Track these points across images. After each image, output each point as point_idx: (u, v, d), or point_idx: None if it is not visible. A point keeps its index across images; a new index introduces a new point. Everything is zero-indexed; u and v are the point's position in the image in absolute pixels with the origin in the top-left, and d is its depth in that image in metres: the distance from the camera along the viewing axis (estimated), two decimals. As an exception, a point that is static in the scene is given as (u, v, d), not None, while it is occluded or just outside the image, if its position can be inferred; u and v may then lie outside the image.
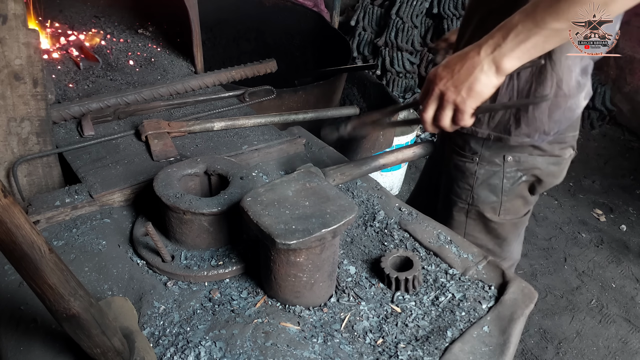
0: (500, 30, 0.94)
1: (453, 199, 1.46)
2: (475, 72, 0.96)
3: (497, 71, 0.95)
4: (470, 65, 0.96)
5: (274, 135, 1.49)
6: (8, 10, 1.15)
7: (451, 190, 1.46)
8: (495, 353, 0.95)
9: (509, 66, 0.94)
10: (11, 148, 1.28)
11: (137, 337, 0.87)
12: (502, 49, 0.93)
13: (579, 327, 2.59)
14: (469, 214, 1.46)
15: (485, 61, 0.95)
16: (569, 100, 1.23)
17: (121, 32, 2.01)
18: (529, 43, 0.91)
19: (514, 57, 0.93)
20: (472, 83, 0.97)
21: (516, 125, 1.28)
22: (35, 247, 0.66)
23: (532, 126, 1.26)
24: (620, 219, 3.32)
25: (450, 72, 0.99)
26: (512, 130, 1.29)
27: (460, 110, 1.00)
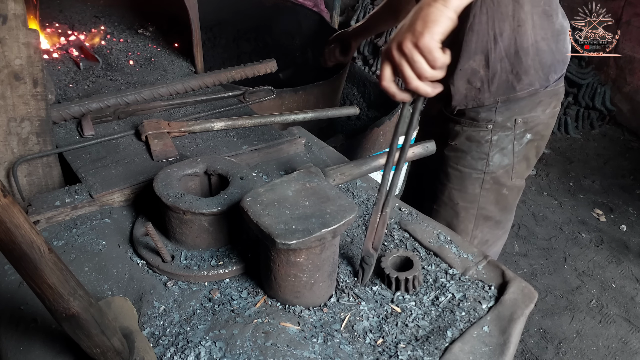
0: None
1: (466, 172, 1.49)
2: (424, 9, 0.90)
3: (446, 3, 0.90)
4: (417, 10, 0.91)
5: (274, 135, 1.49)
6: (8, 10, 1.15)
7: (463, 164, 1.49)
8: (495, 353, 0.95)
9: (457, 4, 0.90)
10: (11, 148, 1.28)
11: (136, 337, 0.87)
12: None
13: (579, 327, 2.59)
14: (484, 183, 1.49)
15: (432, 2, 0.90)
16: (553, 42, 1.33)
17: (121, 32, 2.01)
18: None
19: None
20: (425, 16, 0.90)
21: (517, 79, 1.35)
22: (34, 246, 0.66)
23: (530, 75, 1.34)
24: (620, 219, 3.32)
25: (400, 29, 0.93)
26: (515, 86, 1.36)
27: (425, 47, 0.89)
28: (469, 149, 1.47)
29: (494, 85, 1.36)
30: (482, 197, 1.52)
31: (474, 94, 1.40)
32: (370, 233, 1.06)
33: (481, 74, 1.36)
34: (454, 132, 1.49)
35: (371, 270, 1.07)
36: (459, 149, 1.48)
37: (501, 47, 1.32)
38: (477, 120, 1.43)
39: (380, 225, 1.05)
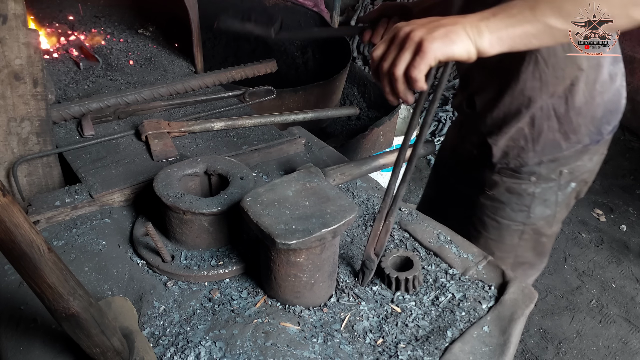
0: (493, 9, 0.87)
1: (504, 224, 1.40)
2: (456, 25, 0.84)
3: (476, 40, 0.85)
4: (452, 20, 0.86)
5: (274, 135, 1.49)
6: (8, 10, 1.15)
7: (502, 216, 1.39)
8: (496, 353, 0.95)
9: (487, 43, 0.85)
10: (11, 148, 1.28)
11: (136, 337, 0.87)
12: (489, 22, 0.85)
13: (579, 327, 2.59)
14: (523, 234, 1.41)
15: (468, 25, 0.85)
16: (606, 94, 1.21)
17: (121, 32, 2.01)
18: (519, 29, 0.85)
19: (498, 36, 0.85)
20: (449, 31, 0.84)
21: (565, 138, 1.24)
22: (34, 246, 0.66)
23: (580, 133, 1.24)
24: (620, 219, 3.32)
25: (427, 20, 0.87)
26: (562, 145, 1.25)
27: (423, 51, 0.84)
28: (508, 200, 1.36)
29: (539, 145, 1.26)
30: (520, 247, 1.43)
31: (517, 153, 1.29)
32: (372, 239, 1.05)
33: (525, 132, 1.25)
34: (491, 181, 1.37)
35: (371, 274, 1.06)
36: (497, 199, 1.38)
37: (549, 107, 1.20)
38: (519, 173, 1.31)
39: (383, 232, 1.04)
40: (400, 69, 0.87)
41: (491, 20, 0.85)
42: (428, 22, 0.86)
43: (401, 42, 0.86)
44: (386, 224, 1.04)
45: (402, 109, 3.29)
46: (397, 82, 0.88)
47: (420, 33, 0.84)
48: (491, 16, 0.85)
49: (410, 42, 0.85)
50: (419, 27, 0.85)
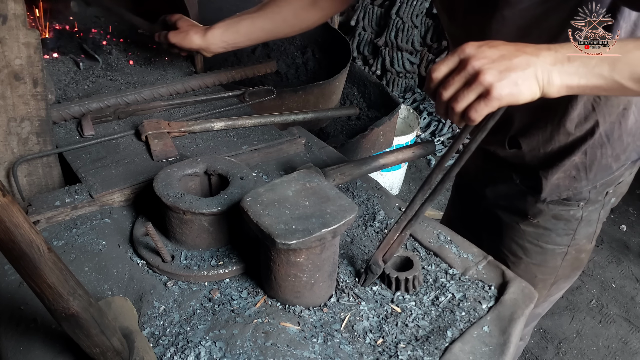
0: (566, 47, 0.83)
1: (549, 249, 1.37)
2: (528, 70, 0.80)
3: (544, 85, 0.82)
4: (525, 60, 0.81)
5: (274, 135, 1.49)
6: (8, 10, 1.14)
7: (546, 241, 1.36)
8: (496, 353, 0.95)
9: (555, 90, 0.83)
10: (11, 148, 1.28)
11: (136, 337, 0.87)
12: (563, 68, 0.81)
13: (579, 327, 2.59)
14: (566, 255, 1.38)
15: (541, 68, 0.81)
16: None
17: (121, 32, 2.01)
18: (591, 82, 0.82)
19: (568, 85, 0.82)
20: (520, 77, 0.80)
21: (615, 160, 1.22)
22: (34, 246, 0.66)
23: (628, 151, 1.22)
24: (620, 219, 3.32)
25: (499, 54, 0.81)
26: (613, 166, 1.23)
27: (489, 99, 0.81)
28: (554, 227, 1.32)
29: (592, 172, 1.22)
30: (562, 268, 1.41)
31: (569, 183, 1.25)
32: (384, 246, 1.03)
33: (577, 161, 1.21)
34: (535, 209, 1.32)
35: (374, 278, 1.06)
36: (541, 226, 1.33)
37: (603, 135, 1.16)
38: (569, 200, 1.27)
39: (396, 242, 1.03)
40: (461, 106, 0.84)
41: (565, 67, 0.82)
42: (500, 58, 0.81)
43: (468, 77, 0.82)
44: (401, 236, 1.03)
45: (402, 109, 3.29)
46: (454, 115, 0.86)
47: (491, 77, 0.80)
48: (566, 61, 0.82)
49: (478, 84, 0.81)
50: (489, 66, 0.80)
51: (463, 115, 0.85)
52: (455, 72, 0.84)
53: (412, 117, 3.32)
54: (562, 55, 0.82)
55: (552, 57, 0.81)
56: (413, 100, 4.02)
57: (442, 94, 0.85)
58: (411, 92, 4.09)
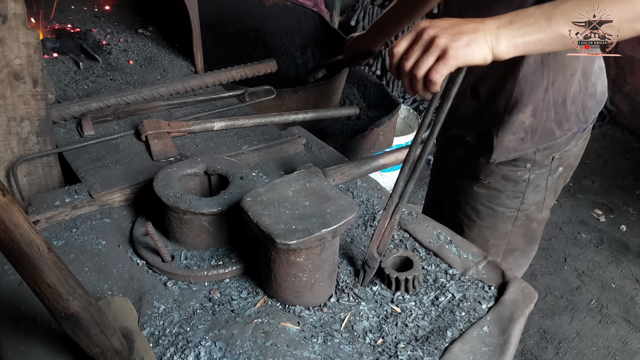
0: (509, 15, 0.92)
1: (499, 211, 1.43)
2: (477, 34, 0.90)
3: (493, 46, 0.91)
4: (473, 27, 0.91)
5: (274, 135, 1.49)
6: (8, 10, 1.15)
7: (497, 203, 1.42)
8: (495, 353, 0.95)
9: (504, 49, 0.91)
10: (11, 148, 1.28)
11: (136, 337, 0.87)
12: (506, 30, 0.90)
13: (579, 327, 2.59)
14: (516, 221, 1.44)
15: (488, 32, 0.90)
16: (597, 85, 1.29)
17: (121, 32, 2.01)
18: (534, 37, 0.90)
19: (513, 43, 0.91)
20: (471, 39, 0.89)
21: (558, 126, 1.29)
22: (33, 245, 0.66)
23: (571, 121, 1.30)
24: (620, 219, 3.32)
25: (449, 23, 0.91)
26: (556, 133, 1.30)
27: (446, 58, 0.89)
28: (504, 188, 1.39)
29: (537, 135, 1.30)
30: (513, 234, 1.47)
31: (516, 145, 1.32)
32: (376, 237, 1.05)
33: (526, 124, 1.29)
34: (487, 170, 1.39)
35: (373, 273, 1.06)
36: (492, 187, 1.41)
37: (550, 97, 1.25)
38: (516, 160, 1.35)
39: (387, 230, 1.04)
40: (422, 71, 0.91)
41: (509, 29, 0.90)
42: (450, 26, 0.91)
43: (425, 44, 0.91)
44: (391, 222, 1.04)
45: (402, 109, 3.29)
46: (417, 82, 0.93)
47: (445, 40, 0.89)
48: (508, 24, 0.90)
49: (434, 47, 0.89)
50: (442, 32, 0.90)
51: (426, 82, 0.92)
52: (413, 44, 0.93)
53: (412, 117, 3.32)
54: (504, 20, 0.91)
55: (496, 23, 0.91)
56: (413, 101, 4.02)
57: (405, 65, 0.93)
58: (411, 92, 4.09)
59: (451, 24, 0.91)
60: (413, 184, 1.03)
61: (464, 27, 0.90)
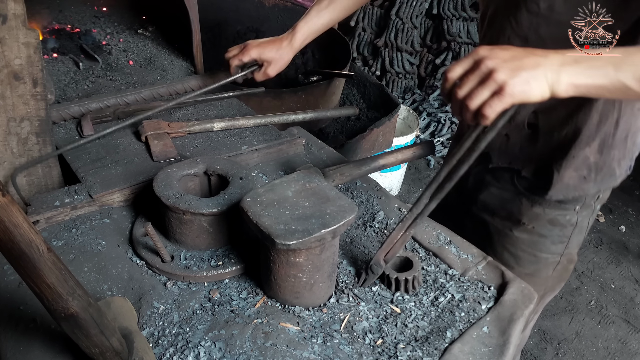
0: (575, 53, 0.87)
1: (543, 257, 1.34)
2: (538, 69, 0.85)
3: (553, 84, 0.86)
4: (534, 61, 0.85)
5: (274, 136, 1.49)
6: (8, 10, 1.14)
7: (540, 249, 1.33)
8: (495, 354, 0.95)
9: (563, 89, 0.86)
10: (10, 148, 1.28)
11: (136, 337, 0.87)
12: (570, 69, 0.85)
13: (579, 328, 2.59)
14: (558, 265, 1.36)
15: (549, 69, 0.85)
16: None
17: (121, 32, 2.01)
18: (597, 81, 0.85)
19: (575, 84, 0.85)
20: (530, 76, 0.84)
21: (619, 166, 1.22)
22: (33, 245, 0.66)
23: (627, 159, 1.23)
24: (619, 220, 3.32)
25: (510, 55, 0.86)
26: (616, 173, 1.23)
27: (502, 95, 0.84)
28: (549, 233, 1.29)
29: (600, 174, 1.21)
30: (552, 278, 1.39)
31: (577, 183, 1.22)
32: (386, 246, 1.03)
33: (590, 161, 1.19)
34: (531, 214, 1.29)
35: (375, 278, 1.06)
36: (536, 232, 1.30)
37: (619, 132, 1.16)
38: (566, 203, 1.25)
39: (399, 242, 1.03)
40: (475, 103, 0.87)
41: (573, 67, 0.85)
42: (511, 58, 0.85)
43: (482, 76, 0.86)
44: (405, 235, 1.03)
45: (402, 110, 3.29)
46: (468, 112, 0.88)
47: (503, 75, 0.84)
48: (573, 63, 0.85)
49: (492, 81, 0.85)
50: (502, 65, 0.85)
51: (476, 113, 0.88)
52: (469, 72, 0.87)
53: (412, 117, 3.32)
54: (569, 57, 0.85)
55: (560, 59, 0.85)
56: (413, 101, 4.03)
57: (458, 92, 0.88)
58: (411, 92, 4.09)
59: (512, 55, 0.86)
60: (436, 203, 1.00)
61: (525, 60, 0.85)
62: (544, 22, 1.06)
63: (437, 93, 3.96)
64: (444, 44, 3.97)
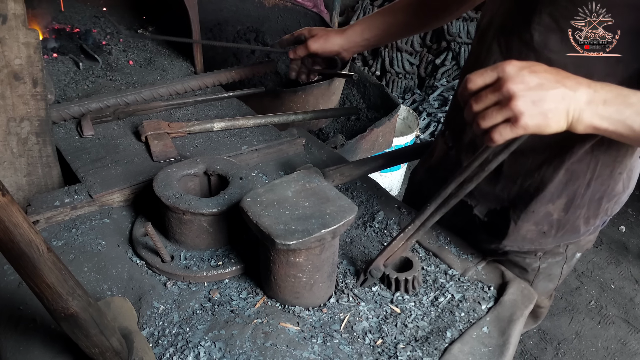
0: (605, 91, 0.81)
1: None
2: (561, 104, 0.79)
3: (573, 122, 0.81)
4: (561, 94, 0.79)
5: (274, 136, 1.49)
6: (8, 10, 1.14)
7: None
8: (495, 354, 0.95)
9: (582, 128, 0.82)
10: (10, 148, 1.28)
11: (135, 337, 0.87)
12: (597, 109, 0.80)
13: (578, 328, 2.59)
14: None
15: (574, 104, 0.80)
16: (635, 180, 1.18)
17: (121, 32, 2.01)
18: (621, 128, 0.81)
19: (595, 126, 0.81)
20: (551, 110, 0.79)
21: (585, 224, 1.16)
22: (33, 245, 0.66)
23: (599, 218, 1.17)
24: (619, 220, 3.32)
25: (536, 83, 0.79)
26: (581, 230, 1.17)
27: (516, 126, 0.80)
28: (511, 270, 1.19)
29: (562, 231, 1.15)
30: None
31: (534, 237, 1.17)
32: (387, 253, 1.03)
33: (553, 217, 1.13)
34: (489, 250, 1.22)
35: (374, 281, 1.06)
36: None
37: (590, 193, 1.10)
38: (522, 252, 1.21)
39: (399, 250, 1.02)
40: (486, 124, 0.82)
41: (599, 109, 0.80)
42: (537, 87, 0.79)
43: (500, 98, 0.81)
44: (406, 244, 1.02)
45: (402, 110, 3.29)
46: (477, 127, 0.84)
47: (523, 105, 0.79)
48: (601, 103, 0.80)
49: (508, 109, 0.80)
50: (524, 93, 0.79)
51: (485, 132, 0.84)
52: (490, 87, 0.82)
53: (412, 117, 3.32)
54: (599, 96, 0.80)
55: (589, 96, 0.80)
56: (412, 101, 4.03)
57: (473, 106, 0.84)
58: (411, 92, 4.09)
59: (538, 84, 0.79)
60: (439, 217, 0.99)
61: (550, 92, 0.79)
62: (534, 55, 0.99)
63: (437, 93, 3.96)
64: (444, 44, 3.97)
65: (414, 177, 1.51)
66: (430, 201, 0.99)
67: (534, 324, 1.47)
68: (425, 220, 1.00)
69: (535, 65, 0.81)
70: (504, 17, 1.06)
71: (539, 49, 0.98)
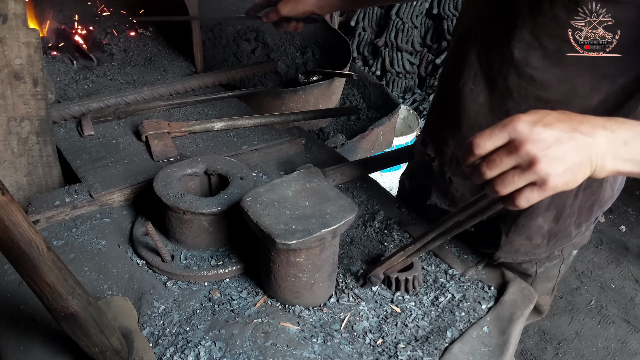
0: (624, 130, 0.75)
1: None
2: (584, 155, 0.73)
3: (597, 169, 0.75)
4: (581, 144, 0.73)
5: (274, 135, 1.49)
6: (8, 10, 1.15)
7: None
8: (495, 354, 0.95)
9: (604, 174, 0.76)
10: (11, 147, 1.28)
11: (136, 336, 0.87)
12: (618, 152, 0.74)
13: (578, 327, 2.59)
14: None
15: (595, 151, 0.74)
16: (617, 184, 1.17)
17: (121, 32, 2.01)
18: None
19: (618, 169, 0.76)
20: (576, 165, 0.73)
21: (577, 229, 1.15)
22: (33, 245, 0.66)
23: (590, 222, 1.17)
24: (619, 220, 3.32)
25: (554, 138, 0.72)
26: (572, 235, 1.16)
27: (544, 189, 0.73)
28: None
29: (554, 240, 1.14)
30: None
31: (528, 249, 1.16)
32: (387, 265, 1.02)
33: (544, 230, 1.12)
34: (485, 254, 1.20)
35: (373, 287, 1.06)
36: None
37: (578, 202, 1.08)
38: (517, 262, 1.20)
39: (399, 264, 1.02)
40: (507, 190, 0.74)
41: (621, 152, 0.75)
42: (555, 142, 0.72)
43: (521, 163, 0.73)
44: (406, 260, 1.02)
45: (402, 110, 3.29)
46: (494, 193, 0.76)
47: (547, 167, 0.71)
48: (622, 145, 0.75)
49: (532, 173, 0.72)
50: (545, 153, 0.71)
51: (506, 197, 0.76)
52: (503, 150, 0.74)
53: (412, 117, 3.32)
54: (618, 137, 0.75)
55: (608, 139, 0.74)
56: (413, 101, 4.02)
57: (485, 172, 0.75)
58: (411, 92, 4.09)
59: (556, 139, 0.72)
60: (441, 242, 0.97)
61: (571, 144, 0.72)
62: (515, 72, 0.96)
63: (437, 93, 3.95)
64: (444, 43, 3.97)
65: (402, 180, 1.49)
66: (432, 228, 0.96)
67: (538, 317, 1.46)
68: (426, 243, 0.98)
69: (546, 117, 0.74)
70: (484, 29, 1.03)
71: (520, 66, 0.96)
